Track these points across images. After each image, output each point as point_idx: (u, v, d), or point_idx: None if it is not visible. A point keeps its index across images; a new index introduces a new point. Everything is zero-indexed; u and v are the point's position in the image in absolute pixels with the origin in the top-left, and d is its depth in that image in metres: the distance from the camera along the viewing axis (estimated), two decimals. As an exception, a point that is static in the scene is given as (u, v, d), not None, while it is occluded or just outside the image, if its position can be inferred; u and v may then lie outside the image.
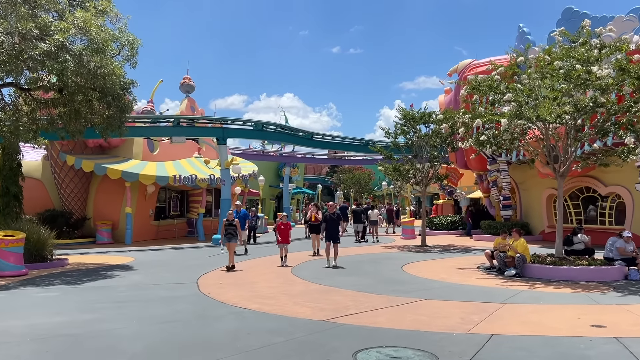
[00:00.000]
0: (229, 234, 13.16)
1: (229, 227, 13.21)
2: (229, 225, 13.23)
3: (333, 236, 13.59)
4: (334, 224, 13.70)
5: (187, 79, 26.42)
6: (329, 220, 13.75)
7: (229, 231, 13.19)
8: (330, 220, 13.75)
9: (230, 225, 13.23)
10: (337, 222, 13.81)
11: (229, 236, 13.14)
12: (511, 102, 11.95)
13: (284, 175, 36.82)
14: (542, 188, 21.25)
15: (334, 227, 13.68)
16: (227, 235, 13.16)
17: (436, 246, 19.34)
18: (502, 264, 12.15)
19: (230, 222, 13.26)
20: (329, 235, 13.63)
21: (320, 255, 15.43)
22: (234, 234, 13.18)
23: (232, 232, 13.19)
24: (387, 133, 19.89)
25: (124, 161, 21.84)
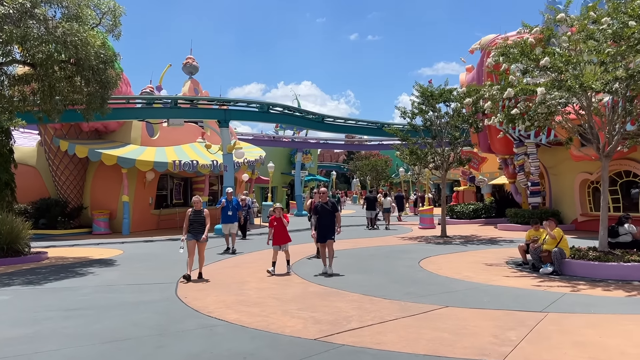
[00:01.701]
0: (194, 229, 9.72)
1: (195, 220, 9.76)
2: (195, 217, 9.78)
3: (326, 234, 10.18)
4: (328, 218, 10.28)
5: (190, 59, 24.86)
6: (321, 213, 10.29)
7: (195, 225, 9.73)
8: (322, 213, 10.28)
9: (197, 218, 9.79)
10: (332, 214, 10.32)
11: (193, 232, 9.70)
12: (548, 70, 10.10)
13: (296, 162, 35.20)
14: (575, 172, 19.28)
15: (327, 221, 10.26)
16: (191, 230, 9.71)
17: (457, 237, 17.58)
18: (536, 260, 10.40)
19: (196, 213, 9.85)
20: (321, 234, 10.25)
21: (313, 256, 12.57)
22: (201, 230, 9.76)
23: (198, 227, 9.77)
24: (403, 113, 18.07)
25: (121, 146, 20.46)
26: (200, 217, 9.82)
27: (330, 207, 10.30)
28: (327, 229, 10.22)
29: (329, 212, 10.29)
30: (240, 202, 16.44)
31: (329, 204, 10.34)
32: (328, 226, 10.22)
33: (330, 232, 10.22)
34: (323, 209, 10.29)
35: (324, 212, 10.30)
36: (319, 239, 10.29)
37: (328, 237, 10.17)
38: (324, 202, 10.35)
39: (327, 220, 10.26)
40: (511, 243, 15.41)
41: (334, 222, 10.32)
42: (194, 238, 9.70)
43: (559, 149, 19.77)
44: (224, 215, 13.92)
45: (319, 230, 10.31)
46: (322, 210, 10.31)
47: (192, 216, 9.81)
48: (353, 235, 19.24)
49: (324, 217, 10.26)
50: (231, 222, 13.91)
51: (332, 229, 10.28)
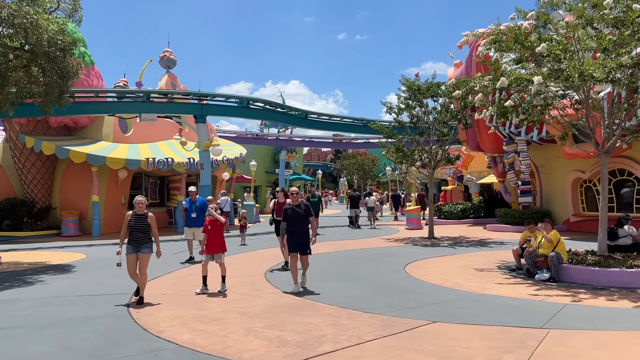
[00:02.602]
0: (135, 239, 7.49)
1: (136, 227, 7.51)
2: (136, 224, 7.52)
3: (300, 244, 8.28)
4: (300, 224, 8.29)
5: (167, 52, 23.74)
6: (292, 218, 8.30)
7: (136, 234, 7.51)
8: (293, 218, 8.29)
9: (138, 224, 7.52)
10: (305, 219, 8.33)
11: (134, 242, 7.49)
12: (544, 58, 9.27)
13: (280, 160, 34.21)
14: (567, 171, 18.55)
15: (299, 229, 8.29)
16: (131, 240, 7.51)
17: (445, 238, 16.75)
18: (531, 265, 9.57)
19: (138, 217, 7.57)
20: (293, 243, 8.31)
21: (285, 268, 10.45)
22: (143, 240, 7.51)
23: (140, 237, 7.50)
24: (389, 109, 17.19)
25: (92, 143, 19.34)
26: (143, 224, 7.56)
27: (303, 210, 8.27)
28: (301, 239, 8.27)
29: (301, 217, 8.28)
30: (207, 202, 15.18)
31: (301, 207, 8.30)
32: (302, 235, 8.27)
33: (304, 242, 8.30)
34: (294, 213, 8.26)
35: (296, 217, 8.25)
36: (291, 248, 8.28)
37: (304, 249, 8.29)
38: (295, 204, 8.36)
39: (300, 227, 8.27)
40: (502, 245, 14.62)
41: (307, 229, 8.38)
42: (134, 251, 7.48)
43: (551, 146, 19.05)
44: (187, 218, 12.12)
45: (290, 240, 8.29)
46: (293, 215, 8.26)
47: (132, 221, 7.55)
48: (337, 236, 18.35)
49: (295, 223, 8.24)
50: (196, 225, 11.87)
51: (307, 238, 8.36)
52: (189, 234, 12.12)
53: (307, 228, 8.43)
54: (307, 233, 8.42)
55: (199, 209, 11.96)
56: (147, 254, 7.60)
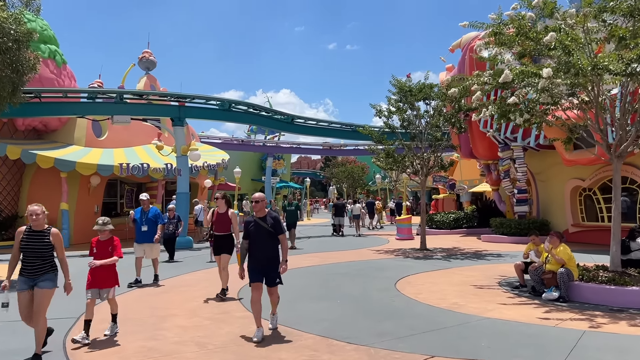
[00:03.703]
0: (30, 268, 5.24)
1: (31, 249, 5.24)
2: (29, 244, 5.24)
3: (265, 271, 6.03)
4: (266, 243, 6.06)
5: (147, 53, 22.62)
6: (255, 235, 6.08)
7: (31, 259, 5.24)
8: (256, 235, 6.08)
9: (33, 245, 5.25)
10: (272, 238, 6.09)
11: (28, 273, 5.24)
12: (550, 51, 8.29)
13: (266, 168, 33.10)
14: (565, 179, 17.64)
15: (265, 251, 6.05)
16: (24, 271, 5.28)
17: (439, 250, 15.71)
18: (537, 282, 8.53)
19: (33, 235, 5.28)
20: (255, 269, 6.02)
21: (230, 298, 8.37)
22: (45, 269, 5.30)
23: (38, 264, 5.25)
24: (378, 112, 16.17)
25: (62, 147, 18.11)
26: (41, 245, 5.24)
27: (270, 225, 6.02)
28: (267, 264, 6.00)
29: (267, 234, 6.01)
30: (169, 212, 13.01)
31: (267, 221, 6.04)
32: (268, 258, 6.02)
33: (272, 269, 6.01)
34: (258, 229, 6.02)
35: (260, 234, 6.01)
36: (253, 276, 5.95)
37: (271, 277, 6.01)
38: (259, 216, 6.10)
39: (266, 248, 6.01)
40: (499, 258, 13.60)
41: (277, 251, 6.12)
42: (27, 285, 5.20)
43: (548, 152, 18.15)
44: (136, 232, 9.98)
45: (252, 266, 6.01)
46: (257, 231, 6.02)
47: (25, 242, 5.24)
48: (322, 246, 17.26)
49: (259, 243, 6.01)
50: (147, 240, 9.86)
51: (276, 262, 6.07)
52: (138, 251, 9.94)
53: (276, 249, 6.12)
54: (276, 256, 6.09)
55: (151, 221, 9.86)
56: (46, 289, 5.18)
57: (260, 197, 6.24)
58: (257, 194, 6.29)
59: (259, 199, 6.20)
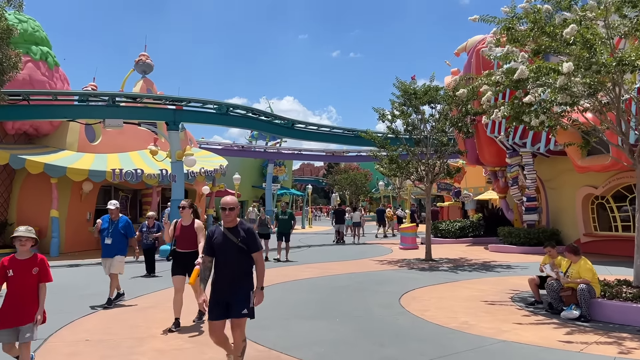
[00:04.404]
0: None
1: None
2: None
3: (229, 300, 4.52)
4: (234, 261, 4.59)
5: (143, 56, 22.03)
6: (220, 249, 4.63)
7: None
8: (223, 250, 4.61)
9: None
10: (244, 255, 4.61)
11: None
12: (568, 48, 7.59)
13: (267, 174, 32.43)
14: (577, 186, 16.88)
15: (232, 270, 4.58)
16: None
17: (445, 260, 14.96)
18: (555, 299, 7.78)
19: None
20: (217, 297, 4.55)
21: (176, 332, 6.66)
22: None
23: None
24: (382, 116, 15.48)
25: (53, 152, 17.48)
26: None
27: (240, 240, 4.57)
28: (233, 290, 4.51)
29: (237, 251, 4.56)
30: (148, 221, 11.74)
31: (239, 233, 4.60)
32: (236, 283, 4.54)
33: (239, 298, 4.49)
34: (225, 243, 4.58)
35: (227, 250, 4.57)
36: (214, 307, 4.51)
37: (237, 307, 4.47)
38: (228, 226, 4.66)
39: (233, 269, 4.56)
40: (509, 269, 12.85)
41: (247, 273, 4.61)
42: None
43: (558, 159, 17.40)
44: (102, 245, 8.50)
45: (214, 291, 4.57)
46: (224, 245, 4.59)
47: None
48: (323, 256, 16.52)
49: (226, 261, 4.57)
50: (110, 255, 8.37)
51: (246, 288, 4.57)
52: (106, 267, 8.52)
53: (247, 271, 4.60)
54: (246, 280, 4.57)
55: (119, 233, 8.39)
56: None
57: (234, 204, 4.66)
58: (229, 198, 4.68)
59: (233, 205, 4.61)
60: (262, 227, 15.13)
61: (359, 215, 23.83)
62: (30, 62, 17.12)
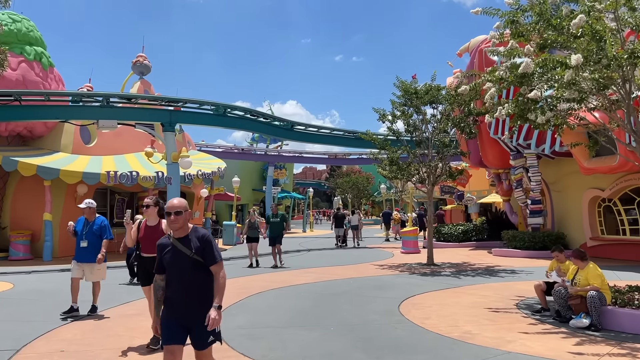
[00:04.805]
0: None
1: None
2: None
3: (184, 325, 3.77)
4: (191, 280, 3.76)
5: (141, 57, 21.71)
6: (172, 266, 3.80)
7: None
8: (174, 265, 3.79)
9: None
10: (201, 270, 3.80)
11: None
12: (576, 41, 7.19)
13: (267, 177, 32.05)
14: (583, 189, 16.43)
15: (187, 292, 3.75)
16: None
17: (447, 265, 14.54)
18: (562, 306, 7.35)
19: None
20: (173, 326, 3.75)
21: None
22: None
23: None
24: (382, 116, 15.09)
25: (47, 154, 17.12)
26: None
27: (195, 250, 3.76)
28: (191, 312, 3.76)
29: (191, 265, 3.77)
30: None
31: (191, 244, 3.79)
32: (193, 303, 3.77)
33: (200, 321, 3.66)
34: (176, 257, 3.78)
35: (179, 264, 3.78)
36: (166, 335, 3.78)
37: (199, 335, 3.78)
38: (178, 235, 3.83)
39: (188, 287, 3.77)
40: (514, 275, 12.42)
41: (206, 290, 3.81)
42: None
43: (564, 160, 16.98)
44: (76, 248, 7.82)
45: (166, 315, 3.80)
46: (174, 259, 3.79)
47: None
48: (322, 261, 16.12)
49: (178, 278, 3.78)
50: (86, 260, 7.67)
51: (205, 309, 3.69)
52: (76, 270, 7.76)
53: (206, 288, 3.79)
54: (205, 299, 3.77)
55: (95, 235, 7.69)
56: None
57: (181, 206, 3.76)
58: (176, 200, 3.85)
59: (180, 208, 3.74)
60: (251, 231, 14.47)
61: (357, 219, 23.70)
62: (24, 62, 16.81)
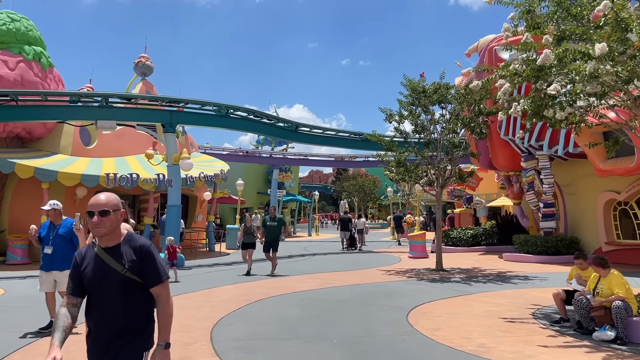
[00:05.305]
0: None
1: None
2: None
3: None
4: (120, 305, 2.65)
5: (143, 57, 21.34)
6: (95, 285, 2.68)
7: None
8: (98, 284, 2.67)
9: None
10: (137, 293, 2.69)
11: None
12: (597, 32, 6.68)
13: (272, 180, 31.60)
14: (598, 191, 15.84)
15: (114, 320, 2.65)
16: None
17: (457, 270, 13.99)
18: (584, 317, 6.80)
19: None
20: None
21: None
22: None
23: None
24: (389, 116, 14.59)
25: (46, 156, 16.76)
26: None
27: (127, 266, 2.67)
28: (119, 347, 2.65)
29: (121, 285, 2.66)
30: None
31: (124, 255, 2.70)
32: (121, 336, 2.66)
33: None
34: (101, 270, 2.68)
35: (105, 283, 2.66)
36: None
37: None
38: (105, 244, 2.72)
39: (119, 312, 2.66)
40: (527, 281, 11.86)
41: (142, 318, 2.74)
42: None
43: (577, 162, 16.40)
44: (42, 256, 6.89)
45: (91, 347, 2.76)
46: (100, 274, 2.67)
47: None
48: (326, 266, 15.61)
49: (106, 300, 2.68)
50: (55, 268, 6.78)
51: (138, 344, 2.69)
52: (45, 283, 6.88)
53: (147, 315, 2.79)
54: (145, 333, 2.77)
55: (63, 238, 6.85)
56: None
57: (109, 204, 2.68)
58: (103, 196, 2.72)
59: (107, 207, 2.65)
60: (247, 236, 13.41)
61: (363, 222, 23.71)
62: (23, 62, 16.47)
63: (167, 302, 2.78)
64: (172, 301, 2.81)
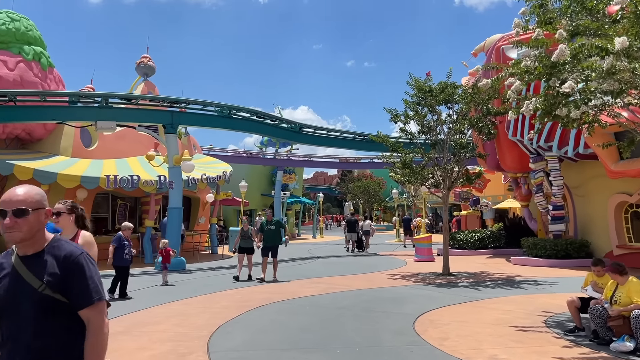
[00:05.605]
0: None
1: None
2: None
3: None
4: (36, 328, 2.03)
5: (145, 58, 21.12)
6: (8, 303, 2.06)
7: None
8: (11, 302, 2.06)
9: None
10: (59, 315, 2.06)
11: None
12: (613, 27, 6.34)
13: (276, 182, 31.31)
14: (608, 193, 15.46)
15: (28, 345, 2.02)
16: None
17: (464, 275, 13.63)
18: (601, 326, 6.44)
19: None
20: None
21: None
22: None
23: None
24: (394, 116, 14.26)
25: (46, 158, 16.53)
26: None
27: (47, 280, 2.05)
28: None
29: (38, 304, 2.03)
30: (123, 232, 9.83)
31: (46, 266, 2.09)
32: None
33: None
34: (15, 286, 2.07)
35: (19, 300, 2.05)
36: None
37: None
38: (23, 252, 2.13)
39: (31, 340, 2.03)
40: (537, 286, 11.48)
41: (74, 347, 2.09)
42: None
43: (587, 163, 16.02)
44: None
45: None
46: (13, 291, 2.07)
47: None
48: (330, 269, 15.28)
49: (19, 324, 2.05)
50: None
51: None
52: None
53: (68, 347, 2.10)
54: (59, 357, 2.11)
55: None
56: None
57: (27, 201, 2.12)
58: (20, 190, 2.16)
59: (23, 205, 2.09)
60: (244, 240, 12.74)
61: (369, 224, 23.52)
62: (22, 62, 16.27)
63: (98, 330, 2.09)
64: (107, 329, 2.14)
